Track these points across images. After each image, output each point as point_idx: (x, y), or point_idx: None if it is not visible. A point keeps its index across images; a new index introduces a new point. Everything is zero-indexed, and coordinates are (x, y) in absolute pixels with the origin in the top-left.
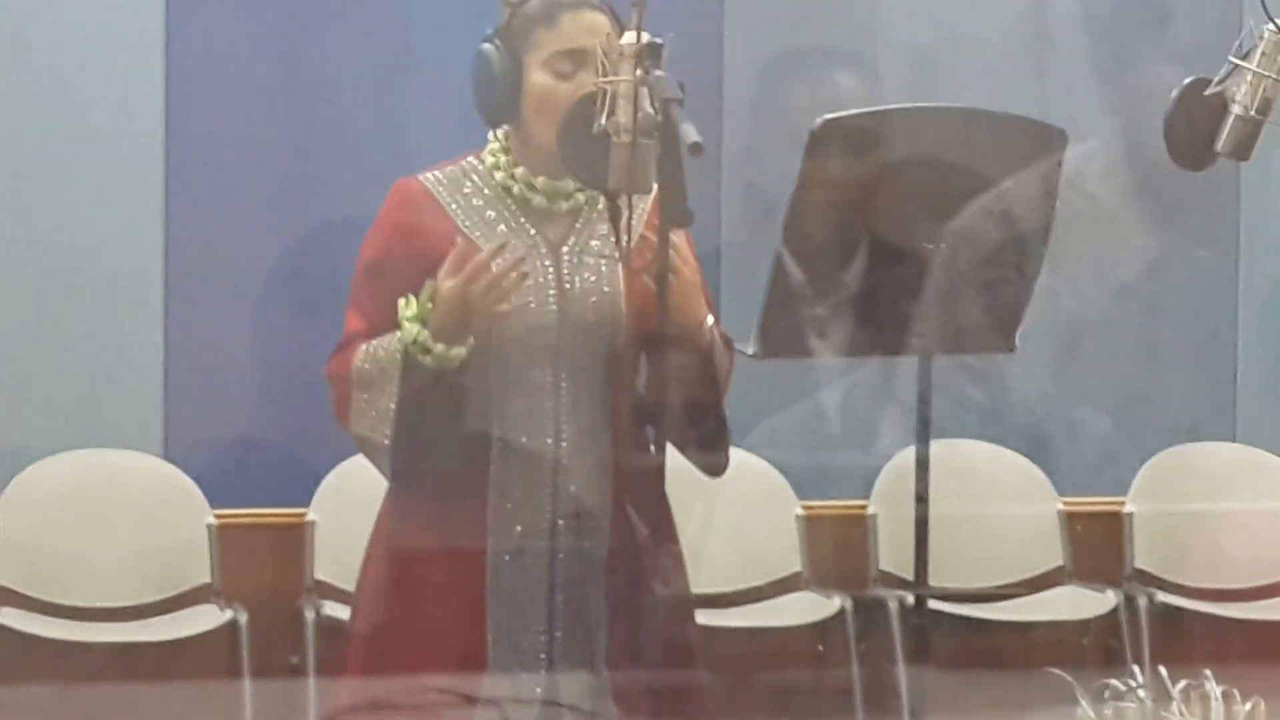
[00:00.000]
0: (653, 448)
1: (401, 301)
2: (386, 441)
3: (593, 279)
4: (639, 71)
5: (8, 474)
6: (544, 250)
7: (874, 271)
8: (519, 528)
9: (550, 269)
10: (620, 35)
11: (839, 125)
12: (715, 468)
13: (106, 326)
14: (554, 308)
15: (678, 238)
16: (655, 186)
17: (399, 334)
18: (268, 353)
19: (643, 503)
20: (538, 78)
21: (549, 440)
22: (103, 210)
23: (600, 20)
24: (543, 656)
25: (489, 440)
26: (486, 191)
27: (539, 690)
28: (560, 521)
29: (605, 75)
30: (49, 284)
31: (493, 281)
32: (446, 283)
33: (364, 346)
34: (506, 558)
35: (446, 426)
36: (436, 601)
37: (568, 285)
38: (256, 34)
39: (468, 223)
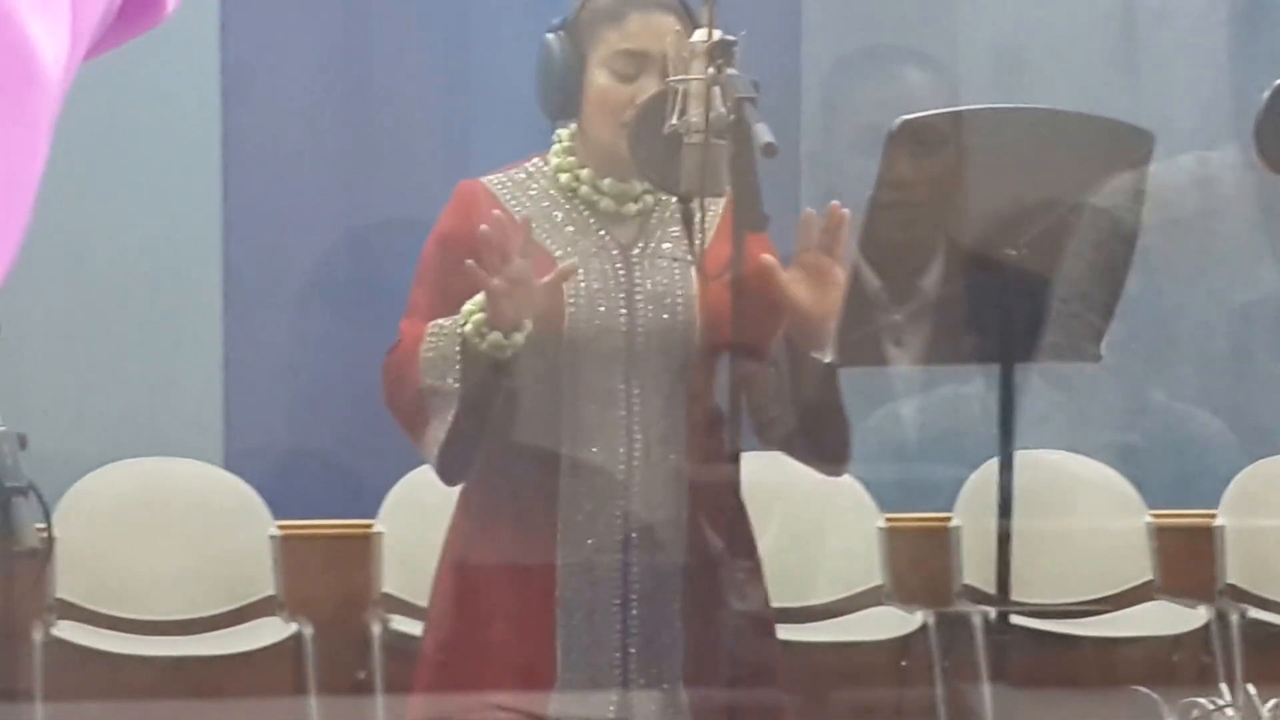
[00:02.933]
0: (729, 458)
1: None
2: (444, 434)
3: (665, 282)
4: (711, 70)
5: (65, 483)
6: (614, 252)
7: (953, 278)
8: (590, 541)
9: (621, 271)
10: (692, 34)
11: (917, 126)
12: (836, 468)
13: (165, 334)
14: (624, 311)
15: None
16: (728, 189)
17: (457, 318)
18: (329, 360)
19: (719, 514)
20: (599, 76)
21: (621, 450)
22: (161, 218)
23: (668, 22)
24: (616, 673)
25: (559, 449)
26: (552, 192)
27: (612, 709)
28: (633, 534)
29: (675, 74)
30: (108, 292)
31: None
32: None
33: (428, 330)
34: (578, 572)
35: (498, 426)
36: (507, 617)
37: (639, 288)
38: (312, 37)
39: (534, 225)
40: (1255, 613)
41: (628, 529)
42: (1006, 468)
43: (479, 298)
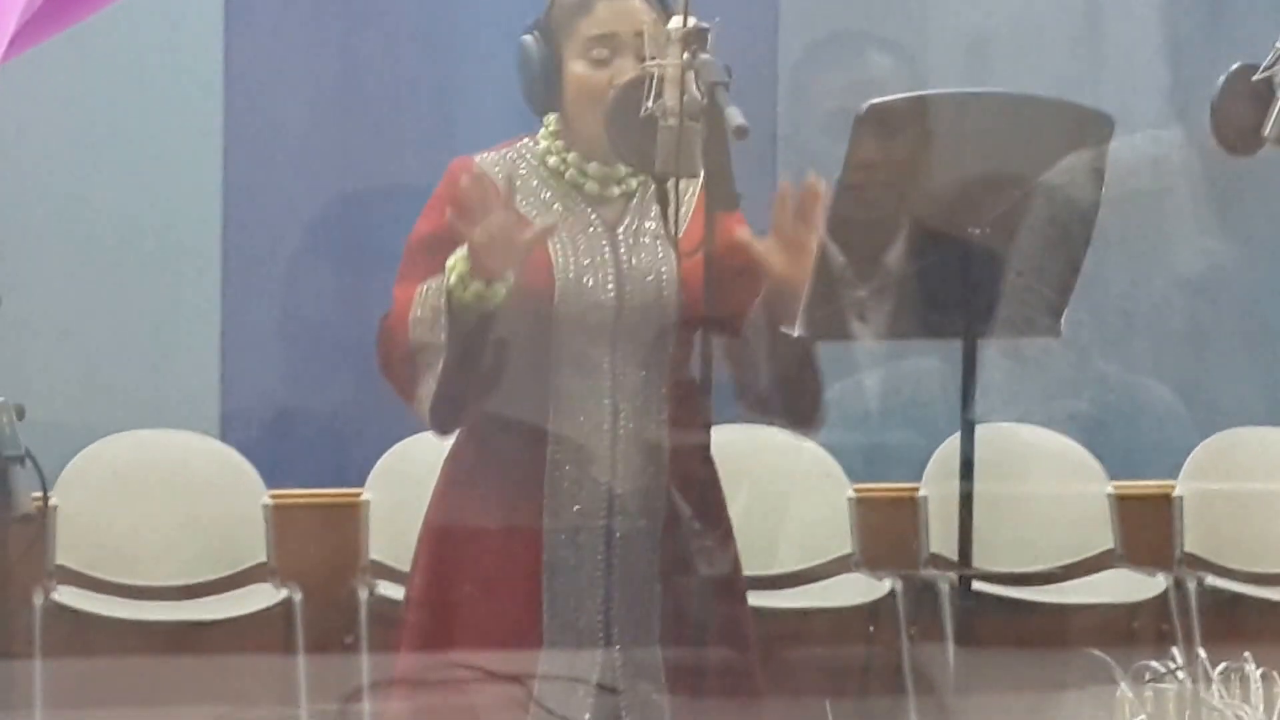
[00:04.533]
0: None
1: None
2: (434, 385)
3: (648, 259)
4: (685, 55)
5: (66, 454)
6: (600, 230)
7: (918, 255)
8: (576, 507)
9: (606, 249)
10: (664, 20)
11: (884, 109)
12: (811, 428)
13: (164, 308)
14: (611, 287)
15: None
16: (702, 170)
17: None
18: (323, 334)
19: (693, 482)
20: (575, 66)
21: (605, 420)
22: (160, 194)
23: (637, 6)
24: (599, 635)
25: (545, 419)
26: (541, 172)
27: (596, 669)
28: (616, 501)
29: (651, 59)
30: (107, 267)
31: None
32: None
33: (418, 291)
34: (562, 536)
35: (489, 376)
36: (494, 580)
37: (624, 265)
38: (310, 17)
39: (523, 203)
40: (1212, 580)
41: (611, 496)
42: (968, 438)
43: (462, 251)
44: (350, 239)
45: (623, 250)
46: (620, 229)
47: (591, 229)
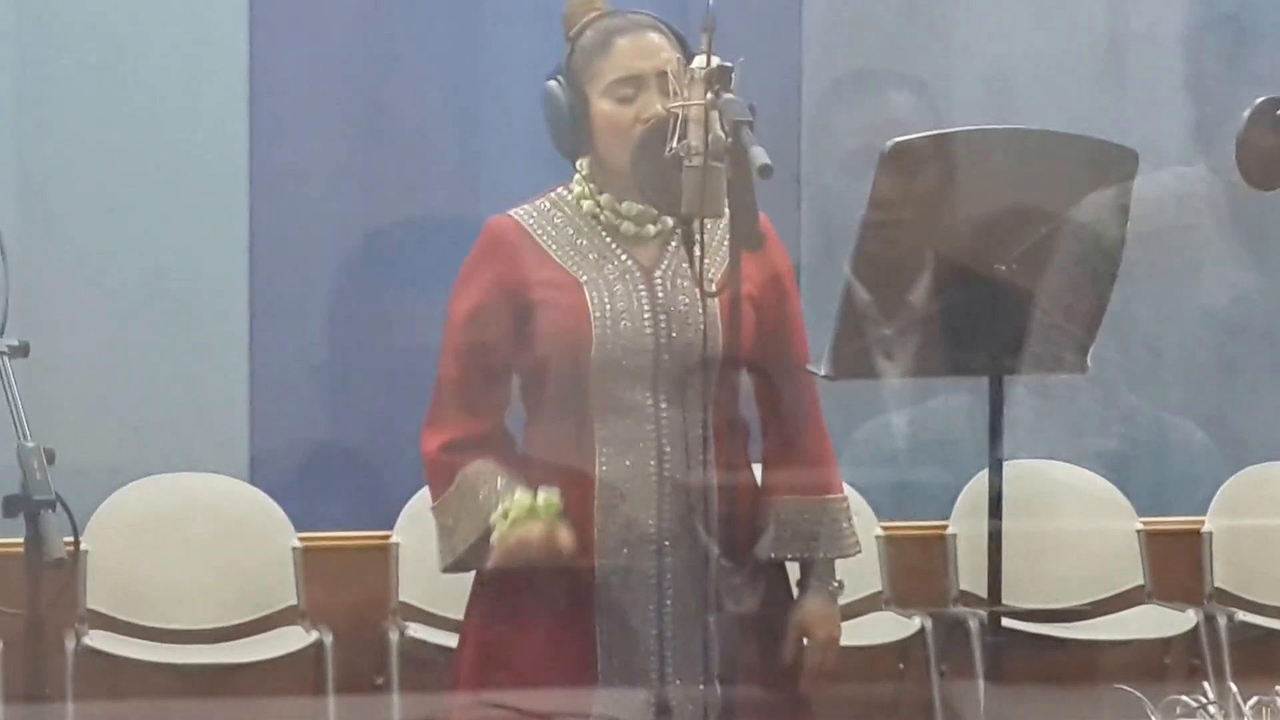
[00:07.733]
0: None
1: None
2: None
3: (687, 301)
4: (709, 95)
5: (96, 498)
6: (637, 275)
7: (944, 293)
8: (626, 549)
9: (644, 293)
10: (684, 55)
11: (908, 147)
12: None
13: (193, 352)
14: (649, 331)
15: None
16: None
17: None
18: (351, 377)
19: (747, 519)
20: (601, 106)
21: (652, 461)
22: (188, 238)
23: (656, 41)
24: (653, 673)
25: (593, 463)
26: (577, 220)
27: (651, 707)
28: (666, 541)
29: (675, 100)
30: (136, 311)
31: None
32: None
33: (458, 480)
34: (614, 578)
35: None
36: (549, 622)
37: (662, 308)
38: (335, 63)
39: (559, 252)
40: (1243, 615)
41: (660, 535)
42: (996, 475)
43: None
44: (376, 282)
45: (660, 293)
46: (658, 272)
47: (628, 274)
